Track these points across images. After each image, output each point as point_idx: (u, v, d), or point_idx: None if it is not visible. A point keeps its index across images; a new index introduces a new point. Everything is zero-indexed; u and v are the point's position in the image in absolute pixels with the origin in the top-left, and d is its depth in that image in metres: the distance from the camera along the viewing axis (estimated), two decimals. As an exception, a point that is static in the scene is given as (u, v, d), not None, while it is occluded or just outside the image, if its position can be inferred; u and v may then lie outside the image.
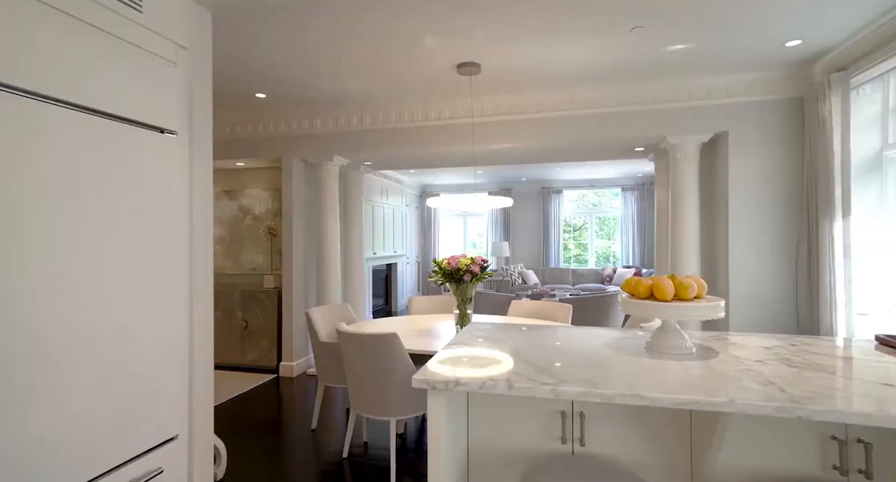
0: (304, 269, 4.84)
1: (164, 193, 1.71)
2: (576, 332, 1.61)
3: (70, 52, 1.37)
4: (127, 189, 1.56)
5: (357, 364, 2.66)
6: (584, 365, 1.17)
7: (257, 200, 5.26)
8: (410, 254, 10.04)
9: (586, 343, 1.43)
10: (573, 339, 1.49)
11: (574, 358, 1.23)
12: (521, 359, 1.20)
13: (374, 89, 3.92)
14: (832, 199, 3.19)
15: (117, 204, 1.51)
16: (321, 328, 3.34)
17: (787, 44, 3.10)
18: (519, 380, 1.02)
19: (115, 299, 1.51)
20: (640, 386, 0.98)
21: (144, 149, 1.63)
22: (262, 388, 4.30)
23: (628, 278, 1.36)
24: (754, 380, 1.03)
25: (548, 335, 1.55)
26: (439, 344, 2.80)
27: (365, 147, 4.53)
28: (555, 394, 0.95)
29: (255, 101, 4.24)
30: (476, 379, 1.02)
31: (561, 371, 1.10)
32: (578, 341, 1.47)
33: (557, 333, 1.59)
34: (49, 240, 1.30)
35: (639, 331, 1.63)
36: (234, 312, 4.83)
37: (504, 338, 1.47)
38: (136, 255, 1.60)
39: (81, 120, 1.42)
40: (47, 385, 1.30)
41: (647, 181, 9.73)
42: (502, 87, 3.86)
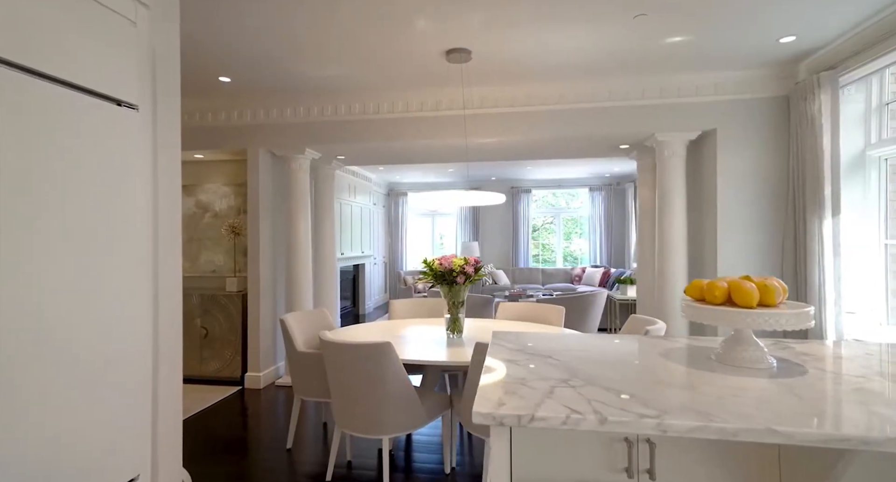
0: (272, 271, 4.47)
1: (120, 181, 1.39)
2: (615, 341, 1.42)
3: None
4: (71, 174, 1.24)
5: (344, 376, 2.39)
6: (663, 385, 0.98)
7: (218, 196, 4.83)
8: (378, 254, 9.71)
9: (641, 355, 1.24)
10: (622, 350, 1.30)
11: (645, 376, 1.03)
12: (586, 380, 0.99)
13: (353, 76, 3.63)
14: (822, 198, 3.19)
15: (57, 194, 1.19)
16: (297, 336, 3.03)
17: (781, 40, 3.07)
18: (611, 412, 0.81)
19: (52, 311, 1.19)
20: (759, 416, 0.79)
21: (96, 124, 1.31)
22: (226, 403, 3.91)
23: (694, 281, 1.19)
24: (886, 405, 0.86)
25: (589, 346, 1.35)
26: (433, 352, 2.57)
27: (340, 139, 4.22)
28: (661, 430, 0.76)
29: (217, 86, 3.85)
30: (556, 413, 0.81)
31: (646, 395, 0.91)
32: (629, 353, 1.28)
33: (596, 343, 1.40)
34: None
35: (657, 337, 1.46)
36: (193, 319, 4.40)
37: (547, 352, 1.26)
38: (85, 256, 1.28)
39: (14, 81, 1.09)
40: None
41: (613, 181, 9.84)
42: (491, 78, 3.67)
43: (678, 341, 1.42)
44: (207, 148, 4.38)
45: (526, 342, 1.39)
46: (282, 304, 4.61)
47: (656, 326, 2.61)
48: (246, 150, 4.35)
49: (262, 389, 4.25)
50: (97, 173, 1.31)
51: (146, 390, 1.57)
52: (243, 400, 4.00)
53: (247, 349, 4.34)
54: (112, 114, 1.37)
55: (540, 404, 0.85)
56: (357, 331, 3.11)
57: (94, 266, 1.30)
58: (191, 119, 4.32)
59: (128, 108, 1.43)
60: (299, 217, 4.37)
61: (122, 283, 1.41)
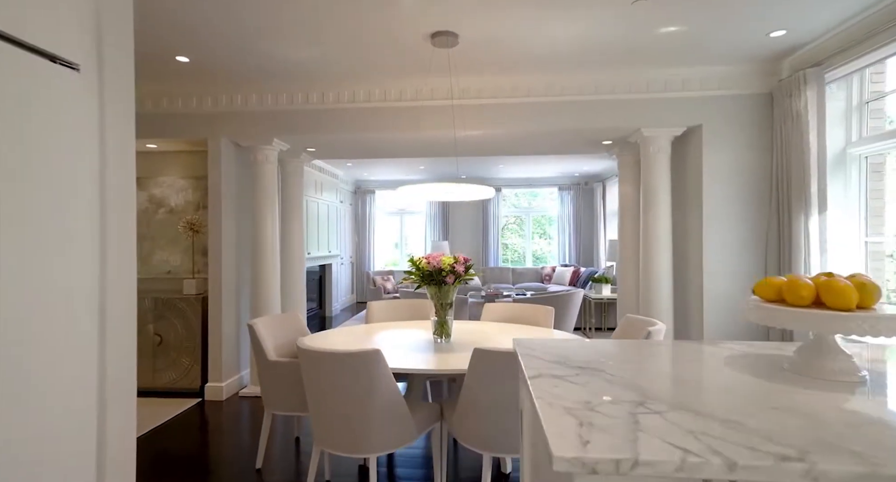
0: (235, 272, 4.11)
1: (54, 160, 1.10)
2: (659, 349, 1.25)
3: None
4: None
5: (325, 389, 2.13)
6: (765, 408, 0.80)
7: (174, 190, 4.41)
8: (345, 254, 9.36)
9: (702, 365, 1.08)
10: (676, 360, 1.13)
11: (733, 395, 0.86)
12: (668, 403, 0.80)
13: (328, 60, 3.35)
14: (808, 195, 3.18)
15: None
16: (268, 343, 2.73)
17: (772, 34, 3.03)
18: (735, 453, 0.62)
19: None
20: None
21: (19, 83, 1.01)
22: (184, 417, 3.54)
23: (767, 279, 1.03)
24: None
25: (634, 355, 1.17)
26: (423, 359, 2.35)
27: (311, 129, 3.92)
28: (811, 478, 0.58)
29: (174, 67, 3.47)
30: (665, 456, 0.61)
31: (757, 424, 0.73)
32: (686, 362, 1.11)
33: (639, 351, 1.22)
34: None
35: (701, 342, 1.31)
36: (145, 325, 3.98)
37: (591, 364, 1.07)
38: (2, 250, 0.99)
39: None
40: None
41: (582, 181, 9.89)
42: (476, 66, 3.47)
43: (726, 347, 1.26)
44: (162, 137, 3.97)
45: (559, 351, 1.19)
46: (246, 308, 4.25)
47: (657, 327, 2.49)
48: (206, 140, 3.98)
49: (225, 401, 3.88)
50: (20, 146, 1.02)
51: (89, 407, 1.27)
52: (204, 413, 3.63)
53: (207, 357, 3.96)
54: (43, 72, 1.08)
55: (634, 441, 0.65)
56: (335, 337, 2.84)
57: (17, 263, 1.01)
58: (142, 104, 3.90)
59: (65, 67, 1.13)
60: (266, 213, 4.03)
61: (56, 284, 1.11)
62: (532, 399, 0.84)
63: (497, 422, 2.10)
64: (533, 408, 0.85)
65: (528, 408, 0.99)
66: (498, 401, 2.08)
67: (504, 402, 2.07)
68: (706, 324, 3.63)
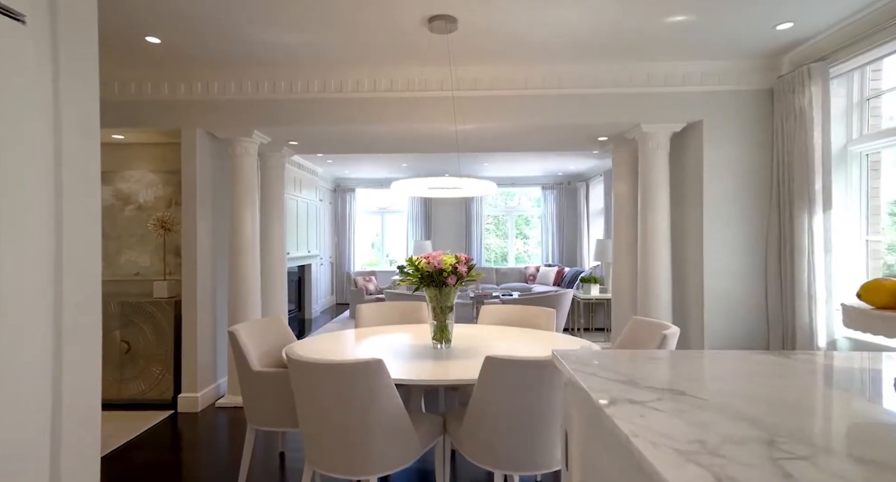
0: (211, 273, 3.81)
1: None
2: (736, 361, 1.09)
3: None
4: None
5: (320, 403, 1.91)
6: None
7: (143, 185, 4.08)
8: (324, 254, 9.05)
9: (800, 383, 0.92)
10: (764, 375, 0.97)
11: (879, 430, 0.70)
12: (814, 445, 0.63)
13: (314, 45, 3.12)
14: (812, 193, 3.12)
15: None
16: (252, 352, 2.48)
17: (779, 26, 2.95)
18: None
19: None
20: None
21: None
22: (155, 431, 3.24)
23: (875, 282, 0.88)
24: None
25: (714, 371, 1.01)
26: (425, 368, 2.15)
27: (294, 121, 3.66)
28: None
29: (144, 49, 3.17)
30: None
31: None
32: (777, 378, 0.95)
33: (711, 364, 1.06)
34: None
35: (779, 355, 1.15)
36: (110, 331, 3.65)
37: (667, 384, 0.89)
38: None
39: None
40: None
41: (565, 180, 9.85)
42: (473, 56, 3.29)
43: (804, 358, 1.11)
44: (130, 127, 3.65)
45: (618, 367, 1.01)
46: (223, 312, 3.96)
47: (671, 331, 2.36)
48: (180, 131, 3.67)
49: (201, 413, 3.59)
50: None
51: (41, 427, 1.03)
52: (177, 427, 3.34)
53: (180, 365, 3.66)
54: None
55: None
56: (324, 344, 2.61)
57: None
58: (108, 90, 3.57)
59: (7, 17, 0.90)
60: (245, 210, 3.75)
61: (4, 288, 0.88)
62: (624, 436, 0.66)
63: (511, 438, 1.92)
64: (623, 445, 0.66)
65: (605, 441, 0.81)
66: (512, 415, 1.90)
67: (519, 416, 1.89)
68: (706, 324, 3.54)
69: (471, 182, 3.24)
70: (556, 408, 1.91)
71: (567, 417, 1.09)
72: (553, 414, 1.91)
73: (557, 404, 1.91)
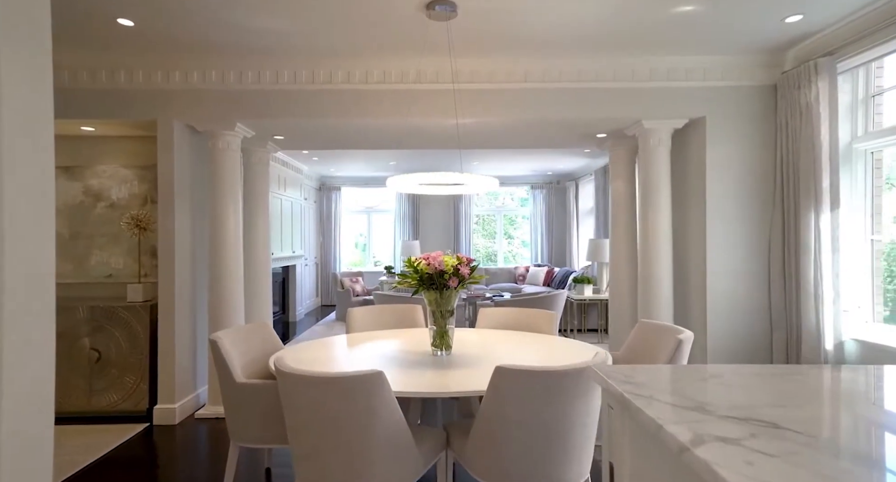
0: (190, 275, 3.58)
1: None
2: (826, 377, 0.95)
3: None
4: None
5: (313, 419, 1.72)
6: None
7: (115, 181, 3.82)
8: (309, 254, 8.80)
9: (863, 400, 0.78)
10: (849, 390, 0.83)
11: None
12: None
13: (303, 32, 2.92)
14: (819, 191, 3.03)
15: None
16: (235, 362, 2.27)
17: (788, 19, 2.86)
18: None
19: None
20: None
21: None
22: (129, 446, 3.00)
23: None
24: None
25: (809, 391, 0.86)
26: (426, 379, 1.99)
27: (281, 113, 3.45)
28: None
29: (115, 32, 2.93)
30: None
31: None
32: (861, 397, 0.81)
33: (794, 383, 0.92)
34: None
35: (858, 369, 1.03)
36: (79, 339, 3.39)
37: (765, 415, 0.74)
38: None
39: None
40: None
41: (555, 180, 9.77)
42: (470, 45, 3.13)
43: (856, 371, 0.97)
44: (101, 117, 3.39)
45: (682, 389, 0.86)
46: (203, 317, 3.72)
47: (685, 335, 2.24)
48: (156, 123, 3.43)
49: (178, 425, 3.36)
50: None
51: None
52: (153, 441, 3.11)
53: (157, 374, 3.42)
54: None
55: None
56: (315, 352, 2.42)
57: None
58: (75, 78, 3.31)
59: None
60: (227, 209, 3.53)
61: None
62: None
63: (522, 453, 1.77)
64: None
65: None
66: (523, 429, 1.74)
67: (531, 429, 1.74)
68: (709, 325, 3.45)
69: (473, 177, 3.07)
70: (571, 420, 1.76)
71: (615, 447, 0.93)
72: (567, 426, 1.76)
73: (573, 416, 1.76)
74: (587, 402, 1.79)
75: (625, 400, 0.83)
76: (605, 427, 0.96)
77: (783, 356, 3.30)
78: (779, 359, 3.32)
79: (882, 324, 3.03)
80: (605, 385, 0.92)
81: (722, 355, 3.44)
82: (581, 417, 1.79)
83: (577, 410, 1.76)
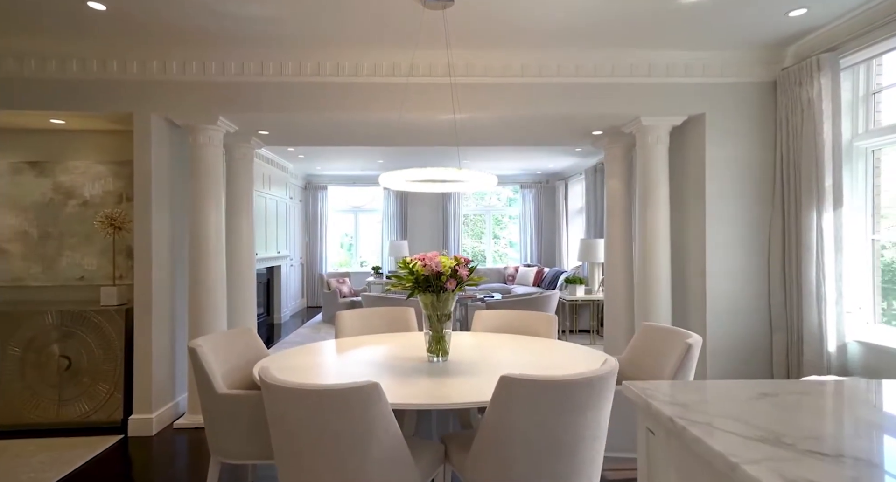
0: (169, 277, 3.38)
1: None
2: (875, 395, 0.84)
3: None
4: None
5: (303, 435, 1.58)
6: None
7: (88, 178, 3.61)
8: (295, 255, 8.58)
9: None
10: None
11: None
12: None
13: (290, 21, 2.76)
14: (821, 189, 2.97)
15: None
16: (216, 371, 2.11)
17: (791, 13, 2.79)
18: None
19: None
20: None
21: None
22: (102, 460, 2.80)
23: None
24: None
25: (882, 417, 0.75)
26: (423, 389, 1.85)
27: (265, 107, 3.28)
28: None
29: (86, 17, 2.73)
30: None
31: None
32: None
33: (859, 401, 0.81)
34: None
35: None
36: (47, 346, 3.17)
37: (845, 448, 0.62)
38: None
39: None
40: None
41: (544, 179, 9.71)
42: (466, 36, 3.00)
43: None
44: (72, 110, 3.18)
45: (733, 411, 0.74)
46: (182, 321, 3.53)
47: (694, 339, 2.14)
48: (132, 116, 3.23)
49: (156, 436, 3.16)
50: None
51: None
52: (128, 454, 2.92)
53: (132, 382, 3.21)
54: None
55: None
56: (303, 359, 2.27)
57: None
58: (43, 67, 3.10)
59: None
60: (208, 207, 3.34)
61: None
62: None
63: (529, 469, 1.64)
64: None
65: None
66: (531, 443, 1.62)
67: (540, 443, 1.61)
68: (709, 327, 3.37)
69: (472, 173, 2.93)
70: (581, 433, 1.64)
71: (655, 479, 0.80)
72: (576, 439, 1.64)
73: (583, 429, 1.64)
74: (597, 414, 1.67)
75: (677, 427, 0.70)
76: (642, 455, 0.83)
77: (783, 358, 3.24)
78: (779, 361, 3.26)
79: (883, 325, 2.99)
80: (648, 407, 0.80)
81: (721, 357, 3.37)
82: (591, 430, 1.67)
83: (587, 422, 1.65)
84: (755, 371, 3.38)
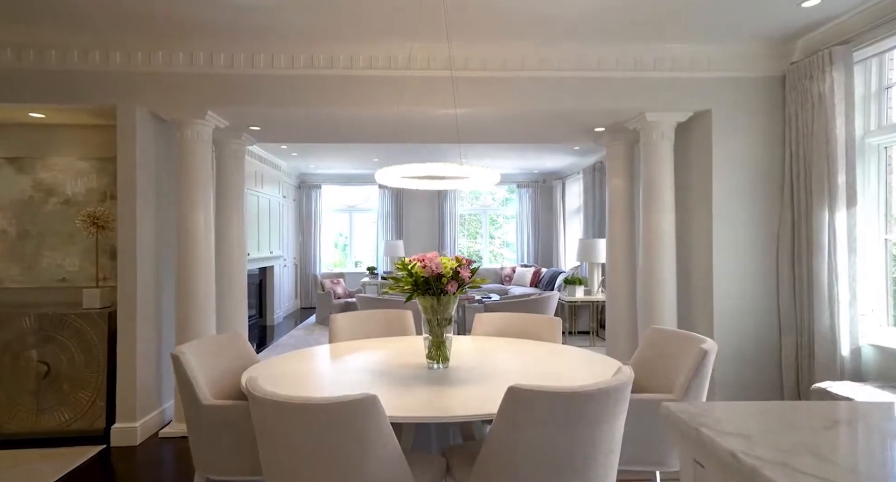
0: (155, 279, 3.23)
1: None
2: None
3: None
4: None
5: (294, 449, 1.44)
6: None
7: (70, 175, 3.45)
8: (288, 255, 8.42)
9: None
10: None
11: None
12: None
13: (281, 10, 2.61)
14: (833, 187, 2.87)
15: None
16: (201, 380, 1.97)
17: (804, 3, 2.68)
18: None
19: None
20: None
21: None
22: (83, 472, 2.65)
23: None
24: None
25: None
26: (423, 401, 1.73)
27: (257, 101, 3.14)
28: None
29: (66, 4, 2.58)
30: None
31: None
32: None
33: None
34: None
35: None
36: (25, 351, 3.01)
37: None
38: None
39: None
40: None
41: (541, 178, 9.60)
42: (462, 31, 2.87)
43: None
44: (51, 103, 3.03)
45: (816, 446, 0.62)
46: (170, 324, 3.37)
47: (709, 345, 2.02)
48: (115, 109, 3.08)
49: (140, 446, 3.01)
50: None
51: None
52: (110, 465, 2.77)
53: (115, 390, 3.06)
54: None
55: None
56: (295, 365, 2.14)
57: None
58: (20, 57, 2.93)
59: None
60: (197, 206, 3.19)
61: None
62: None
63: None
64: None
65: None
66: (541, 458, 1.50)
67: (551, 459, 1.49)
68: (715, 327, 3.27)
69: (476, 170, 2.80)
70: (595, 447, 1.52)
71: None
72: (591, 453, 1.52)
73: (597, 443, 1.52)
74: (612, 426, 1.55)
75: (745, 466, 0.57)
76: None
77: (793, 361, 3.14)
78: (788, 364, 3.16)
79: (895, 327, 2.89)
80: (698, 436, 0.67)
81: (728, 359, 3.27)
82: (606, 443, 1.55)
83: (601, 435, 1.53)
84: (764, 374, 3.28)
